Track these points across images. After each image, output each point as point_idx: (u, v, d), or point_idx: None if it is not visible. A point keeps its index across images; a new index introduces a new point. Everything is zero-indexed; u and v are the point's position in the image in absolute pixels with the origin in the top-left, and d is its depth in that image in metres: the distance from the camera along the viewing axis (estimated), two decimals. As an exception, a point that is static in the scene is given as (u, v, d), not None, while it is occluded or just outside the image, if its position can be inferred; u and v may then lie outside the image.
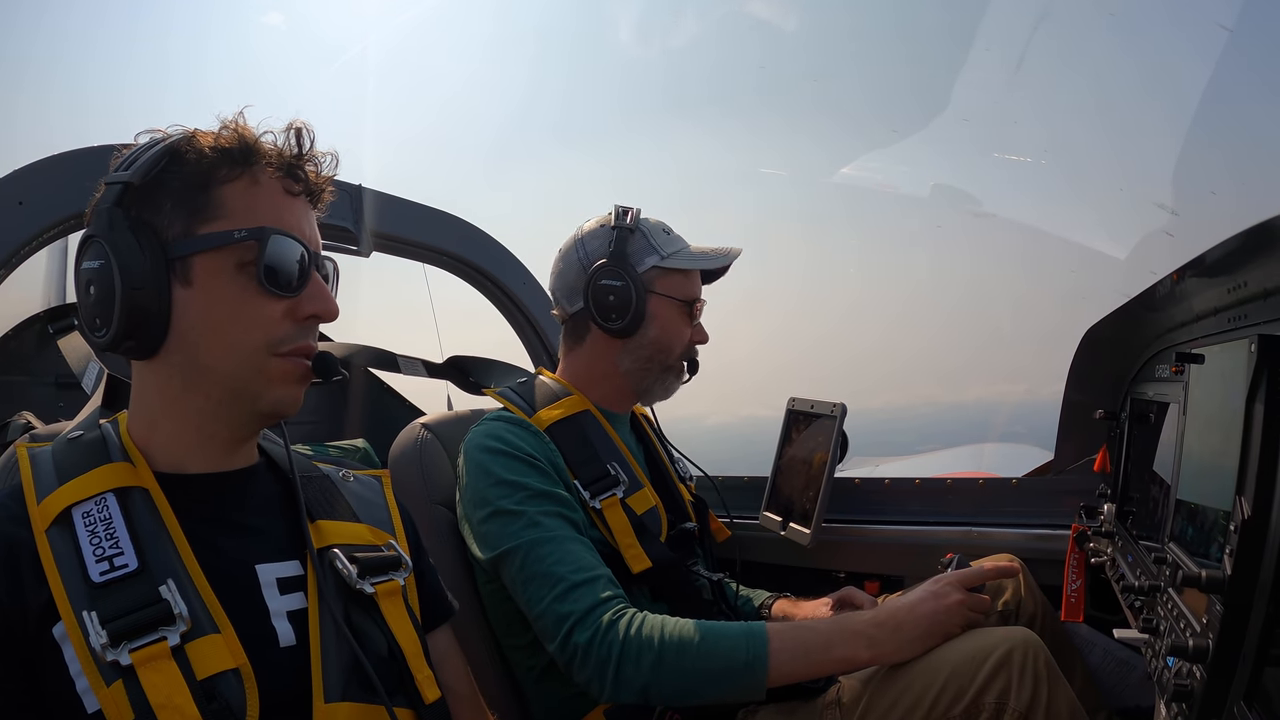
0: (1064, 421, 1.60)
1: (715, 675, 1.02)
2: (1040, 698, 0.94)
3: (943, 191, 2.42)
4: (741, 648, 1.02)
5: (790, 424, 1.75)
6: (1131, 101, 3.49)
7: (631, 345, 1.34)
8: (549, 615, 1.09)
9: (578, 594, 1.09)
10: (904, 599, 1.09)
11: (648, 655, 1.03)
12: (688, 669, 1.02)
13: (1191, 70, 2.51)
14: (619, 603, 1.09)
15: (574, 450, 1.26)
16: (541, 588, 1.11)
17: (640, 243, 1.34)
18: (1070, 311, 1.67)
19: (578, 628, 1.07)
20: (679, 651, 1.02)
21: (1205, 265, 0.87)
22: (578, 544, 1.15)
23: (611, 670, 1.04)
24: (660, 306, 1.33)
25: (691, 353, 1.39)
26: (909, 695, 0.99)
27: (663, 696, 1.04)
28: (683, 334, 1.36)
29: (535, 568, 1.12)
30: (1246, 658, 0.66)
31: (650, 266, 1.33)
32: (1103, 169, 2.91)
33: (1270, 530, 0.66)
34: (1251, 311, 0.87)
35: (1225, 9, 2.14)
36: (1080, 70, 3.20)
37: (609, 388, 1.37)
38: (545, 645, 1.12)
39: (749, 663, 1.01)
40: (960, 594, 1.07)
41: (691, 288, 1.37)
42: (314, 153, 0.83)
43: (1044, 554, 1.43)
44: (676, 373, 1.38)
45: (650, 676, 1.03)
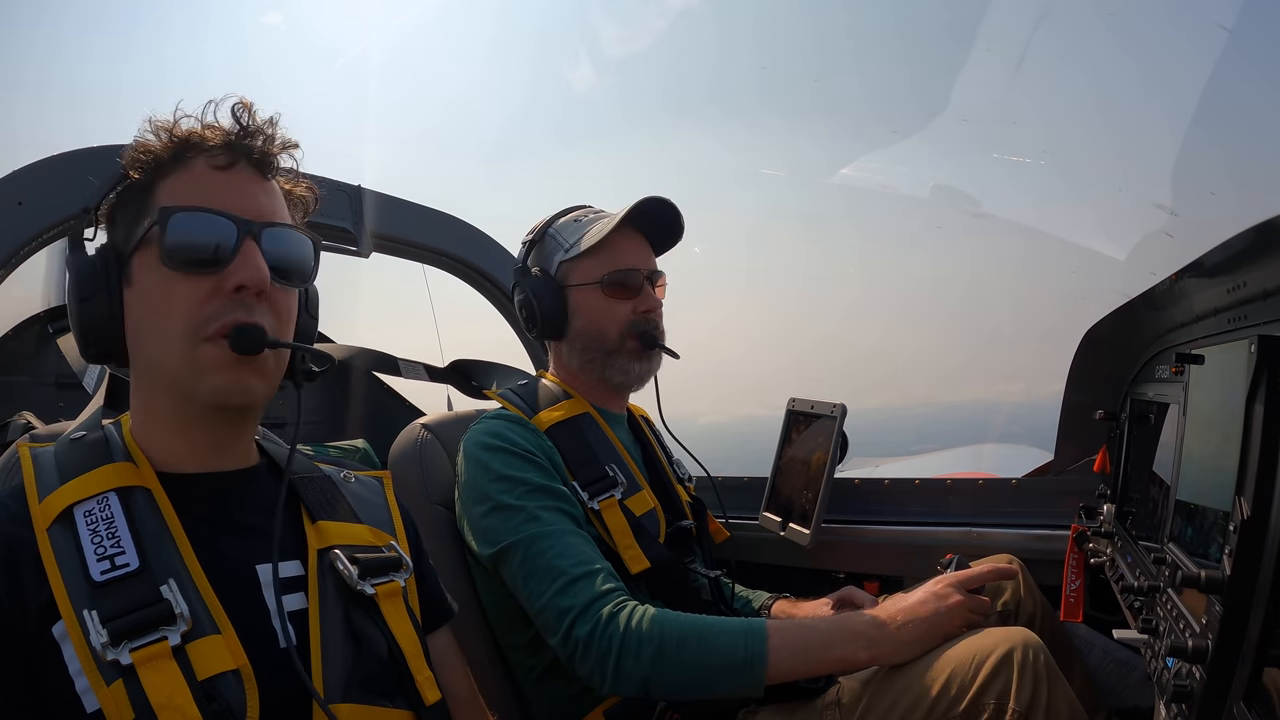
0: (1064, 422, 1.60)
1: (714, 670, 1.02)
2: (1040, 698, 0.94)
3: (942, 191, 2.42)
4: (740, 644, 1.02)
5: (790, 424, 1.75)
6: (1131, 102, 3.48)
7: (568, 343, 1.36)
8: (550, 610, 1.09)
9: (578, 587, 1.09)
10: (904, 600, 1.08)
11: (648, 648, 1.03)
12: (687, 663, 1.02)
13: (1191, 70, 2.52)
14: (619, 595, 1.09)
15: (573, 451, 1.27)
16: (542, 582, 1.11)
17: (549, 246, 1.37)
18: (1070, 312, 1.67)
19: (579, 621, 1.06)
20: (679, 645, 1.02)
21: (1205, 266, 0.87)
22: (577, 537, 1.15)
23: (612, 663, 1.04)
24: (580, 296, 1.34)
25: (638, 327, 1.33)
26: (909, 695, 0.99)
27: (663, 690, 1.04)
28: (613, 313, 1.33)
29: (536, 562, 1.12)
30: (1246, 658, 0.66)
31: (558, 264, 1.34)
32: (1102, 169, 2.91)
33: (1270, 531, 0.66)
34: (1251, 312, 0.87)
35: (1225, 9, 2.14)
36: (1080, 70, 3.20)
37: (586, 387, 1.38)
38: (547, 639, 1.12)
39: (748, 659, 1.01)
40: (960, 595, 1.07)
41: (609, 263, 1.33)
42: (256, 124, 0.81)
43: (1043, 554, 1.43)
44: (628, 353, 1.34)
45: (650, 669, 1.03)
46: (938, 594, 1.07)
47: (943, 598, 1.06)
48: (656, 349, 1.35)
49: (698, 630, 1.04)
